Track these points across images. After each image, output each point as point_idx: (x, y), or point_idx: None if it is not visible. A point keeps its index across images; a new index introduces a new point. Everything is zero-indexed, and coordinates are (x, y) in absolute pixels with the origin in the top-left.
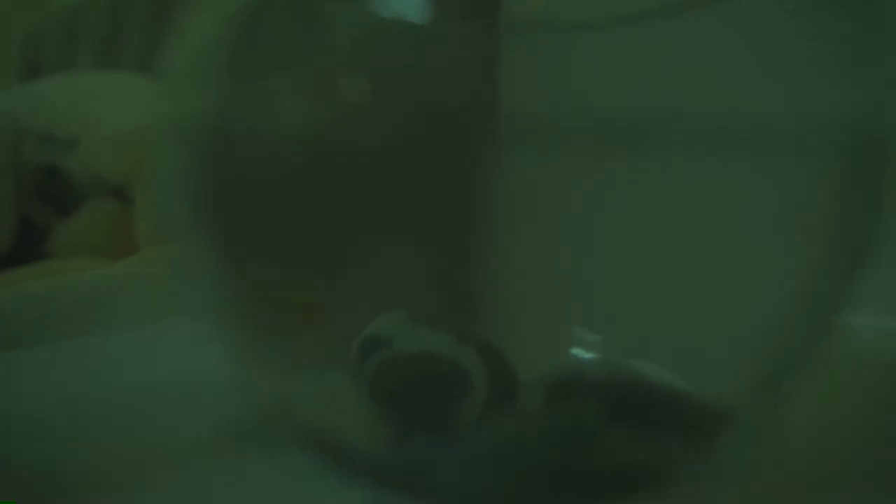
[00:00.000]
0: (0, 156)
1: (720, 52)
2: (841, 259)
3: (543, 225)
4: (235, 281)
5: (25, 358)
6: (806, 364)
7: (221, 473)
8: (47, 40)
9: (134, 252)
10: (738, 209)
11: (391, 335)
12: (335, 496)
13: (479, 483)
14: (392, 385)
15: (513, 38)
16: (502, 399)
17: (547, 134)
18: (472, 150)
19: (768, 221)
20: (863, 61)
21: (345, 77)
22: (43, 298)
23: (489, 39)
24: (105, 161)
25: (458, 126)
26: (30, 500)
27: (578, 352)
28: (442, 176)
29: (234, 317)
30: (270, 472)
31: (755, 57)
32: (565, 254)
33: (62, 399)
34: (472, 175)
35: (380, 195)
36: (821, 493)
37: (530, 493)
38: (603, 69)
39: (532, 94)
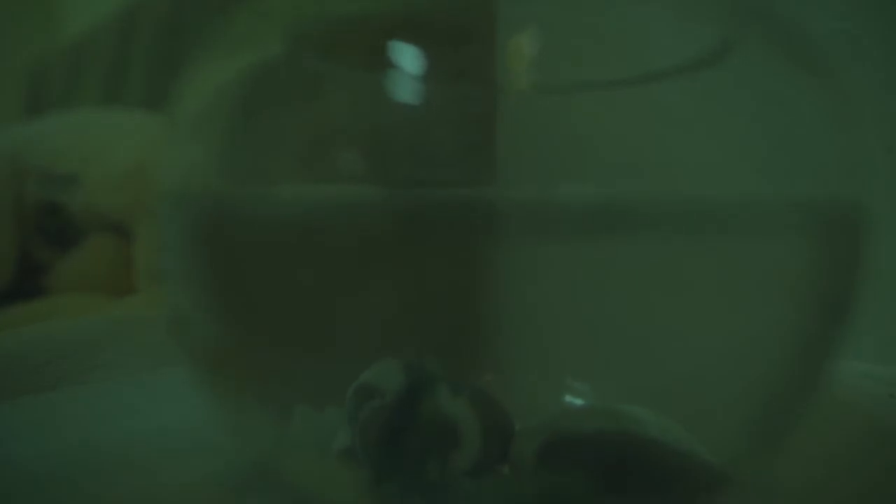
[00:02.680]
0: (1, 193)
1: (708, 119)
2: (825, 314)
3: (542, 288)
4: (228, 331)
5: (23, 407)
6: (799, 419)
7: None
8: (52, 74)
9: (133, 287)
10: (725, 275)
11: (384, 384)
12: None
13: None
14: (382, 435)
15: (507, 101)
16: (496, 451)
17: (542, 210)
18: (468, 218)
19: (753, 286)
20: (838, 138)
21: (339, 146)
22: (41, 343)
23: (484, 102)
24: (105, 198)
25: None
26: None
27: (572, 400)
28: (437, 242)
29: (225, 365)
30: None
31: (739, 131)
32: (560, 313)
33: (56, 450)
34: (468, 239)
35: (377, 257)
36: None
37: None
38: (594, 132)
39: (527, 161)
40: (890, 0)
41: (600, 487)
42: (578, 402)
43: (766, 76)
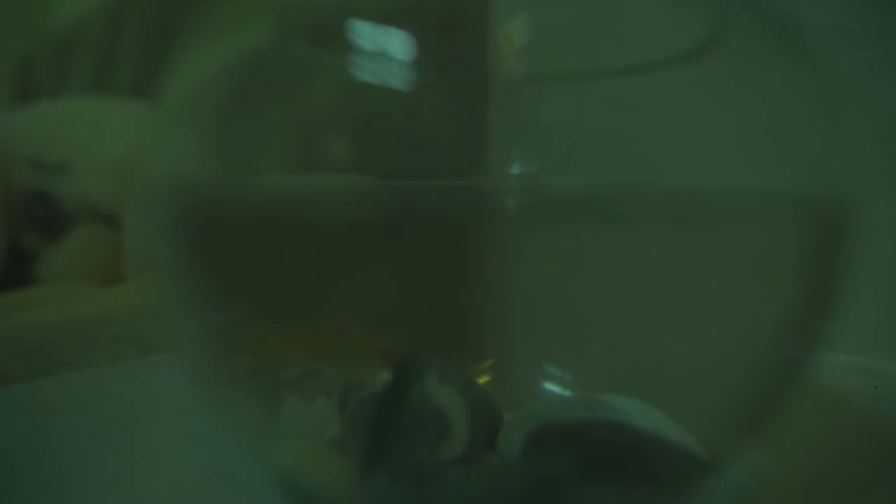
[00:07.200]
0: None
1: (697, 110)
2: (810, 304)
3: (531, 277)
4: (216, 320)
5: (9, 394)
6: (783, 407)
7: None
8: (42, 62)
9: (122, 277)
10: (712, 265)
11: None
12: None
13: None
14: (371, 425)
15: (498, 90)
16: (484, 440)
17: (532, 199)
18: (457, 207)
19: (739, 275)
20: (825, 128)
21: (329, 134)
22: (30, 332)
23: (475, 91)
24: (95, 186)
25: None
26: None
27: (558, 391)
28: (425, 224)
29: (213, 353)
30: None
31: (727, 122)
32: (549, 302)
33: (44, 436)
34: (458, 228)
35: (367, 246)
36: None
37: None
38: (584, 121)
39: (518, 151)
40: None
41: (587, 476)
42: (566, 392)
43: (753, 67)
